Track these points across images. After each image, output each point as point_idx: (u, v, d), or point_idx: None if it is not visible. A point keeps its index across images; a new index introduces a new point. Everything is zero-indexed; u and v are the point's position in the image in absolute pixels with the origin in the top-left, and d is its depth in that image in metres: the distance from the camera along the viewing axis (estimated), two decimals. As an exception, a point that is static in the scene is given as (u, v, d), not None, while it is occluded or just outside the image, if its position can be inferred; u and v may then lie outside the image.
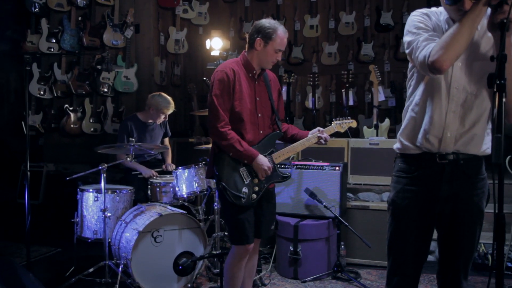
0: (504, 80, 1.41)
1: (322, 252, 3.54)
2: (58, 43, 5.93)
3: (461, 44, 1.62)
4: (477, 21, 1.61)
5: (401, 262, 1.94)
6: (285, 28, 2.62)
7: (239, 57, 2.70)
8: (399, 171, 1.95)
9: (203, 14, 7.02)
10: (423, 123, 1.83)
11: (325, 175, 3.62)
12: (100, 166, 3.25)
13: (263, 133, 2.69)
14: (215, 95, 2.54)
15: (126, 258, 3.12)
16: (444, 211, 1.88)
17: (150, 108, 4.05)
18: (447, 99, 1.78)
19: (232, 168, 2.56)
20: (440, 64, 1.62)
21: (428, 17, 1.82)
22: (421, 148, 1.86)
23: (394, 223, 1.96)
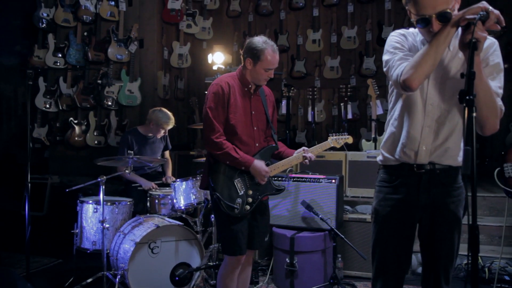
0: (473, 96, 1.46)
1: (319, 264, 3.56)
2: (64, 58, 6.08)
3: (429, 64, 1.68)
4: (445, 43, 1.67)
5: (384, 268, 1.99)
6: (275, 46, 2.65)
7: (236, 72, 2.77)
8: (381, 181, 2.03)
9: (207, 29, 7.15)
10: (401, 137, 1.91)
11: (321, 187, 3.66)
12: (99, 178, 3.32)
13: (258, 146, 2.74)
14: (210, 108, 2.60)
15: (123, 268, 3.17)
16: (423, 218, 1.94)
17: (150, 122, 4.13)
18: (423, 115, 1.85)
19: (226, 179, 2.61)
20: (410, 83, 1.70)
21: (405, 37, 1.90)
22: (400, 160, 1.93)
23: (377, 230, 2.02)
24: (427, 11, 1.68)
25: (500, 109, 1.75)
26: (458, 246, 1.99)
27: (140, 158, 3.55)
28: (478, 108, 1.66)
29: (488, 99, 1.70)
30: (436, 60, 1.69)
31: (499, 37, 6.29)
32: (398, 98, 1.94)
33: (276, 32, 7.52)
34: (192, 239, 3.43)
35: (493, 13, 1.58)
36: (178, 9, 6.46)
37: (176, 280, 3.34)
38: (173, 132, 5.71)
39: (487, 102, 1.70)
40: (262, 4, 7.55)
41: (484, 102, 1.69)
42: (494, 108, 1.72)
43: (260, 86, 2.75)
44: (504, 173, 2.84)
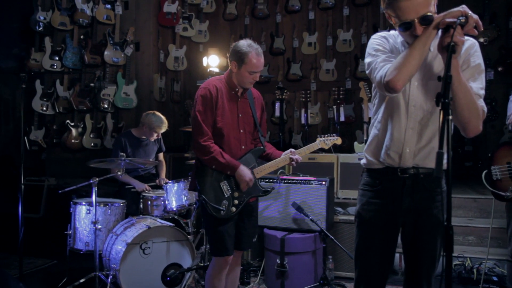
0: (449, 99, 1.48)
1: (309, 265, 3.59)
2: (60, 61, 6.13)
3: (413, 65, 1.70)
4: (427, 44, 1.70)
5: (367, 272, 2.01)
6: (260, 49, 2.68)
7: (223, 75, 2.80)
8: (364, 184, 2.04)
9: (203, 32, 7.20)
10: (385, 139, 1.92)
11: (312, 189, 3.70)
12: (92, 180, 3.35)
13: (245, 148, 2.77)
14: (198, 111, 2.63)
15: (115, 269, 3.21)
16: (407, 222, 1.95)
17: (143, 126, 4.18)
18: (406, 117, 1.87)
19: (213, 182, 2.65)
20: (394, 84, 1.71)
21: (386, 39, 1.92)
22: (384, 163, 1.94)
23: (360, 234, 2.04)
24: (410, 16, 1.69)
25: (482, 111, 1.76)
26: (441, 250, 1.99)
27: (132, 160, 3.60)
28: (459, 110, 1.71)
29: (469, 101, 1.71)
30: (419, 61, 1.71)
31: (492, 41, 6.35)
32: (381, 101, 1.95)
33: (272, 35, 7.57)
34: (183, 240, 3.46)
35: (472, 18, 1.61)
36: (174, 13, 6.52)
37: (167, 280, 3.37)
38: (169, 134, 5.75)
39: (468, 104, 1.71)
40: (258, 7, 7.60)
41: (465, 104, 1.71)
42: (475, 109, 1.73)
43: (247, 89, 2.78)
44: (492, 175, 2.87)
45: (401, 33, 1.83)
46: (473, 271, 3.68)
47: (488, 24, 6.42)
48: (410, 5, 1.68)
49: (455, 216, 4.54)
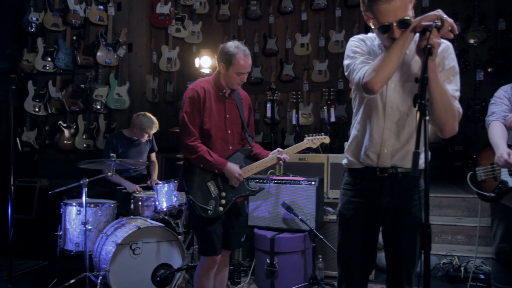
0: (426, 100, 1.52)
1: (298, 265, 3.62)
2: (53, 62, 6.13)
3: (390, 67, 1.73)
4: (404, 47, 1.73)
5: (349, 270, 2.04)
6: (247, 51, 2.71)
7: (211, 76, 2.84)
8: (345, 184, 2.08)
9: (196, 33, 7.22)
10: (364, 140, 1.96)
11: (301, 189, 3.73)
12: (82, 180, 3.37)
13: (232, 149, 2.80)
14: (186, 112, 2.67)
15: (105, 269, 3.23)
16: (386, 221, 2.00)
17: (134, 127, 4.19)
18: (383, 118, 1.90)
19: (200, 182, 2.68)
20: (372, 85, 1.74)
21: (364, 42, 1.96)
22: (363, 163, 1.98)
23: (341, 233, 2.07)
24: (388, 19, 1.72)
25: (458, 112, 1.80)
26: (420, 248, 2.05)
27: (122, 161, 3.61)
28: (436, 112, 1.76)
29: (445, 102, 1.75)
30: (396, 63, 1.74)
31: (482, 42, 6.41)
32: (361, 102, 1.99)
33: (265, 36, 7.60)
34: (173, 240, 3.49)
35: (447, 22, 1.64)
36: (167, 14, 6.53)
37: (157, 280, 3.39)
38: (162, 135, 5.75)
39: (444, 106, 1.75)
40: (251, 9, 7.64)
41: (442, 105, 1.75)
42: (452, 111, 1.77)
43: (235, 90, 2.81)
44: (476, 176, 2.91)
45: (379, 36, 1.86)
46: (460, 269, 3.72)
47: (478, 25, 6.49)
48: (389, 8, 1.70)
49: (444, 215, 4.59)
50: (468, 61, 6.62)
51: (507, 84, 2.91)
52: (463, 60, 6.61)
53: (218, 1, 7.79)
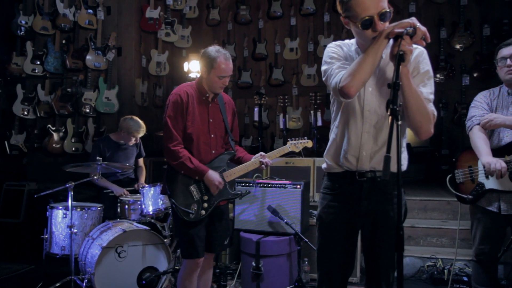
0: (398, 105, 1.56)
1: (284, 268, 3.65)
2: (42, 65, 6.12)
3: (365, 72, 1.77)
4: (378, 52, 1.76)
5: (328, 273, 2.07)
6: (228, 54, 2.74)
7: (195, 81, 2.88)
8: (325, 188, 2.11)
9: (186, 37, 7.26)
10: (343, 143, 1.99)
11: (287, 193, 3.76)
12: (67, 184, 3.38)
13: (215, 153, 2.84)
14: (169, 116, 2.71)
15: (90, 273, 3.23)
16: (365, 224, 2.03)
17: (121, 130, 4.21)
18: (361, 121, 1.94)
19: (182, 186, 2.72)
20: (348, 90, 1.78)
21: (341, 48, 2.00)
22: (343, 167, 2.02)
23: (321, 237, 2.10)
24: (369, 12, 1.73)
25: (432, 114, 1.84)
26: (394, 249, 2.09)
27: (109, 165, 3.63)
28: (411, 115, 1.81)
29: (420, 106, 1.80)
30: (371, 68, 1.77)
31: (468, 47, 6.51)
32: (339, 107, 2.02)
33: (255, 41, 7.66)
34: (159, 244, 3.50)
35: (420, 30, 1.68)
36: (156, 18, 6.56)
37: (143, 284, 3.41)
38: (150, 138, 5.77)
39: (419, 109, 1.80)
40: (241, 13, 7.69)
41: (416, 109, 1.80)
42: (426, 114, 1.82)
43: (218, 94, 2.85)
44: (456, 179, 2.96)
45: (360, 35, 1.85)
46: (444, 271, 3.77)
47: (463, 31, 6.60)
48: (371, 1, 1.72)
49: (429, 218, 4.65)
50: (454, 66, 6.72)
51: (487, 90, 2.98)
52: (449, 65, 6.71)
53: (208, 6, 7.84)
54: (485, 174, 2.75)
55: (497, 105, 2.83)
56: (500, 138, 2.76)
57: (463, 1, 6.64)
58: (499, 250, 2.86)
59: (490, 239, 2.80)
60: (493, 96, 2.88)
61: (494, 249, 2.82)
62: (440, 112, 6.69)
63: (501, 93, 2.87)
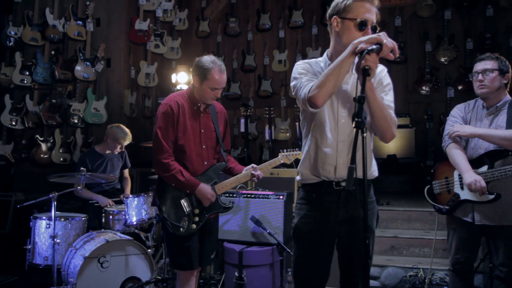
0: (361, 118, 1.62)
1: (267, 278, 3.67)
2: (31, 76, 6.15)
3: (332, 84, 1.85)
4: (346, 65, 1.83)
5: (306, 282, 2.11)
6: (223, 66, 2.71)
7: (185, 90, 2.82)
8: (301, 198, 2.16)
9: (175, 49, 7.32)
10: (319, 154, 2.05)
11: (270, 203, 3.80)
12: (51, 194, 3.41)
13: (207, 164, 2.80)
14: (159, 128, 2.65)
15: (72, 283, 3.25)
16: (342, 232, 2.09)
17: (107, 138, 4.25)
18: (336, 131, 2.02)
19: (173, 199, 2.68)
20: (315, 100, 1.86)
21: (309, 65, 2.10)
22: (320, 177, 2.07)
23: (299, 247, 2.15)
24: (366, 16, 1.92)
25: (394, 120, 1.99)
26: (372, 254, 2.16)
27: (92, 175, 3.66)
28: (377, 123, 1.94)
29: (384, 114, 1.93)
30: (338, 80, 1.86)
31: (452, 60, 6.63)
32: (311, 119, 2.09)
33: (244, 53, 7.74)
34: (142, 254, 3.52)
35: (386, 46, 1.75)
36: (145, 30, 6.62)
37: (125, 294, 3.42)
38: (138, 149, 5.80)
39: (383, 117, 1.93)
40: (230, 25, 7.78)
41: (381, 117, 1.93)
42: (390, 119, 1.97)
43: (209, 104, 2.81)
44: (433, 190, 3.03)
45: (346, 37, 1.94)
46: (425, 281, 3.82)
47: (447, 44, 6.73)
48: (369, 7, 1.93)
49: (413, 228, 4.70)
50: (439, 79, 6.84)
51: (463, 103, 3.06)
52: (434, 77, 6.83)
53: (198, 18, 7.92)
54: (460, 185, 2.82)
55: (471, 117, 2.91)
56: (474, 150, 2.82)
57: (447, 15, 6.78)
58: (475, 259, 2.91)
59: (465, 249, 2.85)
60: (468, 109, 2.96)
61: (470, 259, 2.87)
62: (426, 124, 6.80)
63: (476, 106, 2.95)
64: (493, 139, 2.70)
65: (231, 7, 7.88)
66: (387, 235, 4.52)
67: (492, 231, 2.74)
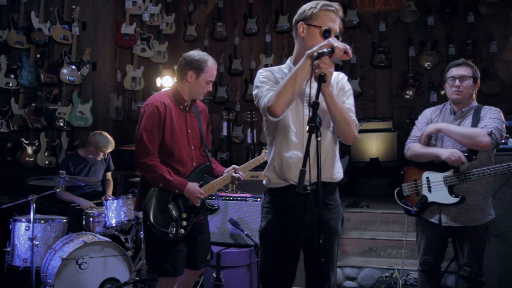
0: (315, 123, 1.68)
1: (244, 279, 3.73)
2: (16, 79, 6.17)
3: (289, 93, 1.92)
4: (302, 73, 1.90)
5: (273, 283, 2.17)
6: (214, 59, 2.73)
7: (170, 90, 2.71)
8: (268, 203, 2.21)
9: (162, 53, 7.38)
10: (285, 159, 2.10)
11: (248, 205, 3.86)
12: (29, 197, 3.45)
13: (195, 165, 2.76)
14: (145, 129, 2.53)
15: (50, 284, 3.28)
16: (309, 235, 2.14)
17: (90, 145, 4.30)
18: (302, 135, 2.07)
19: (160, 204, 2.59)
20: (274, 110, 1.93)
21: (271, 72, 2.17)
22: (288, 181, 2.12)
23: (266, 250, 2.20)
24: (330, 25, 2.03)
25: (355, 122, 2.08)
26: (337, 255, 2.23)
27: (71, 178, 3.70)
28: (338, 125, 2.02)
29: (345, 117, 2.01)
30: (295, 88, 1.92)
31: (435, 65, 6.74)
32: (276, 125, 2.13)
33: (231, 57, 7.82)
34: (121, 255, 3.57)
35: (338, 48, 1.85)
36: (132, 34, 6.68)
37: (103, 295, 3.46)
38: (123, 152, 5.84)
39: (344, 120, 2.01)
40: (217, 30, 7.86)
41: (342, 120, 2.01)
42: (351, 122, 2.05)
43: (195, 102, 2.75)
44: (403, 192, 3.10)
45: (311, 42, 2.03)
46: (399, 282, 3.90)
47: (430, 50, 6.85)
48: (334, 17, 2.05)
49: (391, 230, 4.78)
50: (422, 83, 6.95)
51: (430, 108, 3.15)
52: (418, 82, 6.94)
53: (185, 22, 7.99)
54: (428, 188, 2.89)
55: (437, 121, 2.99)
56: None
57: (430, 21, 6.90)
58: (442, 260, 2.99)
59: (433, 250, 2.93)
60: (435, 114, 3.05)
61: (437, 259, 2.95)
62: (409, 128, 6.89)
63: (444, 110, 3.04)
64: (452, 134, 2.77)
65: (218, 11, 7.97)
66: (365, 237, 4.60)
67: (457, 232, 2.82)
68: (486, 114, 2.81)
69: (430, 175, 2.93)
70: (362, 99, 7.26)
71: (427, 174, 2.95)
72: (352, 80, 7.17)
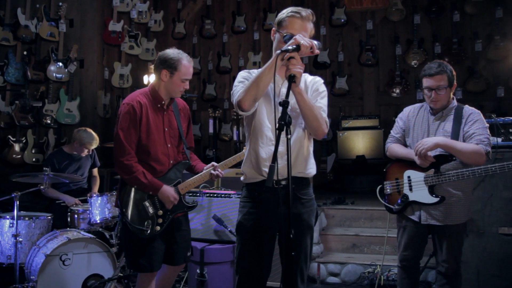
0: (285, 121, 1.74)
1: (227, 275, 3.77)
2: (3, 76, 6.15)
3: (255, 89, 2.02)
4: (270, 72, 1.97)
5: (248, 276, 2.23)
6: (189, 57, 2.74)
7: (148, 88, 2.76)
8: (244, 197, 2.30)
9: (151, 50, 7.38)
10: (260, 154, 2.19)
11: (231, 202, 3.90)
12: (13, 194, 3.46)
13: (173, 163, 2.79)
14: (121, 129, 2.58)
15: (33, 280, 3.31)
16: (282, 228, 2.19)
17: (74, 141, 4.31)
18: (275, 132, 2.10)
19: (136, 202, 2.65)
20: (241, 104, 2.05)
21: (249, 73, 2.26)
22: (262, 175, 2.20)
23: (242, 242, 2.27)
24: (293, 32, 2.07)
25: (325, 120, 2.17)
26: (311, 249, 2.30)
27: (56, 175, 3.72)
28: (309, 122, 2.10)
29: (314, 114, 2.09)
30: (260, 85, 2.01)
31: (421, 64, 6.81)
32: (251, 122, 2.23)
33: (219, 54, 7.84)
34: (105, 251, 3.59)
35: (304, 45, 1.93)
36: (119, 31, 6.68)
37: (87, 291, 3.48)
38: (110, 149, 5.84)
39: (314, 117, 2.09)
40: (206, 27, 7.88)
41: (312, 117, 2.09)
42: (321, 119, 2.13)
43: (173, 100, 2.78)
44: (384, 190, 3.15)
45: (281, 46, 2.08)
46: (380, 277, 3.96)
47: (417, 48, 6.92)
48: (300, 25, 2.11)
49: (375, 227, 4.85)
50: (409, 82, 7.03)
51: (409, 106, 3.20)
52: (404, 80, 7.02)
53: (174, 20, 8.00)
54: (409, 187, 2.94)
55: (415, 122, 3.04)
56: None
57: (416, 20, 6.97)
58: (421, 256, 3.05)
59: (413, 246, 2.98)
60: (413, 113, 3.10)
61: (416, 256, 3.01)
62: (395, 125, 6.96)
63: (423, 108, 3.09)
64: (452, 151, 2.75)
65: (207, 9, 7.99)
66: (349, 233, 4.66)
67: (437, 230, 2.88)
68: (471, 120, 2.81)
69: (411, 174, 2.96)
70: (350, 96, 7.34)
71: (409, 172, 2.98)
72: (340, 78, 7.23)
